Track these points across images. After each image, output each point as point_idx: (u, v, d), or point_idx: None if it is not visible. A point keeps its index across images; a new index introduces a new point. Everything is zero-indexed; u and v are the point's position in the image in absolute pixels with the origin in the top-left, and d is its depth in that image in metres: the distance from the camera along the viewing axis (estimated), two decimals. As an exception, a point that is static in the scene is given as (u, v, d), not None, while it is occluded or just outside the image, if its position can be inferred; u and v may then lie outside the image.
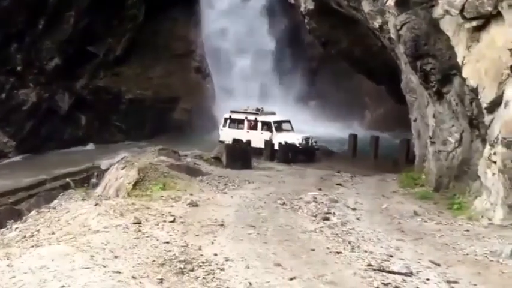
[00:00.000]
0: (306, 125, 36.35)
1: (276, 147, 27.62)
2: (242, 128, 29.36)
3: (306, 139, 28.07)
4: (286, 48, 44.83)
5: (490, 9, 14.09)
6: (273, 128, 28.51)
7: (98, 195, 16.66)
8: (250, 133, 28.82)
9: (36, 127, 38.00)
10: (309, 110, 39.89)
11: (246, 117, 29.47)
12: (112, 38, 40.68)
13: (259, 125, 28.96)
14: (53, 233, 12.18)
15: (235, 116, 30.02)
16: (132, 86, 41.18)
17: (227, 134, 29.16)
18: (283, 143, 27.63)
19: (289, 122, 29.76)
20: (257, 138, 28.26)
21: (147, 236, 11.27)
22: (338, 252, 10.48)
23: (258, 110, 29.82)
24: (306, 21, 27.41)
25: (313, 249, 10.67)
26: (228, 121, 30.01)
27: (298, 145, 27.41)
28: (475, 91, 14.68)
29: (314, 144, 28.48)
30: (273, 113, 30.31)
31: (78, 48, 38.93)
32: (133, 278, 8.71)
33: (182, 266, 9.38)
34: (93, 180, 25.10)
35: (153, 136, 38.32)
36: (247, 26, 44.09)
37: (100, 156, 31.91)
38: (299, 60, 44.48)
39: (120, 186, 18.03)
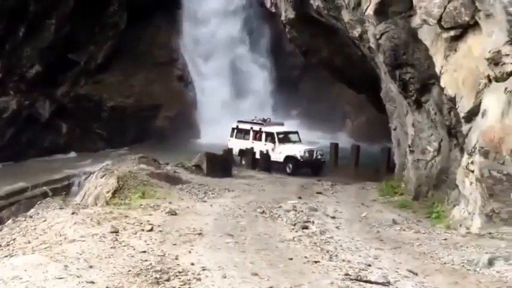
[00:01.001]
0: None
1: (279, 159, 26.68)
2: (248, 139, 28.36)
3: (310, 151, 26.90)
4: (268, 57, 44.93)
5: (467, 19, 14.24)
6: (276, 139, 27.39)
7: (76, 204, 16.49)
8: (255, 144, 27.92)
9: (16, 135, 37.53)
10: (291, 119, 39.92)
11: (252, 128, 28.41)
12: (93, 46, 40.41)
13: (263, 135, 27.77)
14: (29, 242, 12.03)
15: (241, 126, 28.97)
16: (114, 94, 40.91)
17: (234, 145, 28.42)
18: (264, 151, 27.39)
19: (296, 133, 28.59)
20: (261, 149, 27.28)
21: (124, 245, 11.16)
22: (316, 262, 10.45)
23: (264, 120, 28.83)
24: (286, 30, 27.50)
25: (291, 258, 10.64)
26: (235, 131, 29.04)
27: (299, 157, 26.41)
28: (453, 100, 14.81)
29: (320, 157, 27.13)
30: (281, 124, 29.37)
31: (59, 56, 38.58)
32: (107, 288, 8.62)
33: (158, 276, 9.30)
34: (74, 188, 24.91)
35: (135, 144, 38.06)
36: (228, 35, 44.21)
37: (81, 164, 31.70)
38: (281, 69, 44.60)
39: (99, 194, 17.87)
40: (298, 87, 44.51)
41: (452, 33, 14.71)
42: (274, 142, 27.31)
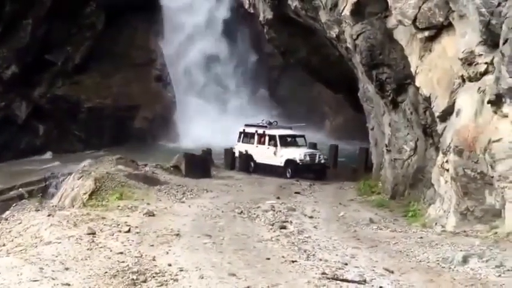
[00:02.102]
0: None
1: (280, 163, 25.19)
2: (253, 143, 26.81)
3: (311, 155, 25.27)
4: (248, 57, 44.98)
5: (441, 19, 14.43)
6: (278, 142, 25.88)
7: (52, 206, 16.31)
8: (258, 148, 26.56)
9: (-8, 136, 37.15)
10: (271, 119, 40.00)
11: (256, 131, 26.87)
12: (71, 46, 40.09)
13: (267, 138, 26.26)
14: (4, 245, 11.93)
15: (248, 130, 27.36)
16: (92, 95, 40.60)
17: (240, 150, 27.02)
18: (243, 152, 27.25)
19: (302, 137, 27.15)
20: (264, 153, 25.87)
21: (101, 247, 11.09)
22: (293, 261, 10.49)
23: (270, 123, 27.45)
24: (265, 30, 27.58)
25: (268, 258, 10.66)
26: (242, 135, 27.38)
27: (298, 161, 24.91)
28: (428, 100, 14.99)
29: (324, 161, 25.53)
30: (288, 128, 27.93)
31: (36, 57, 38.21)
32: (83, 290, 8.57)
33: (135, 277, 9.25)
34: (51, 190, 24.63)
35: (113, 145, 37.77)
36: (208, 33, 44.20)
37: (58, 166, 31.40)
38: (260, 69, 44.70)
39: (76, 196, 17.73)
40: (278, 87, 44.65)
41: (426, 33, 14.89)
42: (276, 145, 25.90)
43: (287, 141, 26.38)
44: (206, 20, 44.33)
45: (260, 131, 26.98)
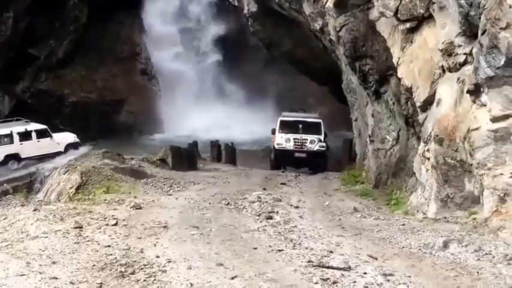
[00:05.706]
0: (252, 127, 36.75)
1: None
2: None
3: (298, 140, 22.55)
4: (232, 50, 44.97)
5: (422, 11, 14.65)
6: (277, 128, 23.33)
7: (38, 201, 16.35)
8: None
9: (-25, 132, 36.79)
10: (256, 112, 40.12)
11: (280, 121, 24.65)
12: (54, 40, 39.78)
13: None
14: (-11, 241, 11.89)
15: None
16: (76, 89, 40.40)
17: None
18: (230, 144, 27.49)
19: (317, 124, 23.99)
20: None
21: (88, 241, 11.14)
22: (280, 250, 10.64)
23: (291, 110, 25.14)
24: (249, 23, 27.68)
25: (255, 248, 10.80)
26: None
27: (276, 146, 22.69)
28: (409, 90, 15.24)
29: (318, 148, 22.64)
30: (315, 116, 25.19)
31: (18, 50, 37.89)
32: (71, 283, 8.63)
33: (123, 270, 9.33)
34: (37, 185, 24.57)
35: (99, 139, 37.67)
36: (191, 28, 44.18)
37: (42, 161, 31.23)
38: (244, 62, 44.72)
39: (62, 190, 17.79)
40: (262, 80, 44.73)
41: (408, 25, 15.10)
42: (274, 133, 23.47)
43: (292, 128, 23.54)
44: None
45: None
